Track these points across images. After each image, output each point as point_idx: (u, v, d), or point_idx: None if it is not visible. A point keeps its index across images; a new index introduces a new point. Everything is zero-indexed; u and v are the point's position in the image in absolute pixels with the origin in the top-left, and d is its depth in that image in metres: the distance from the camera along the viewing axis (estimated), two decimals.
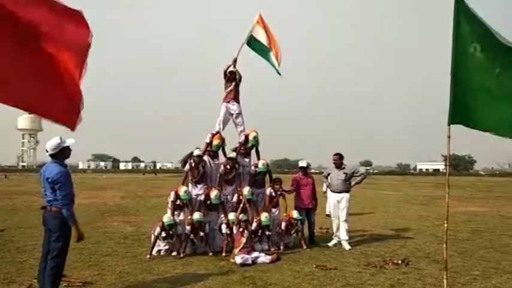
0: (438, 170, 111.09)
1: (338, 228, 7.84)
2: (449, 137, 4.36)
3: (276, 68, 8.56)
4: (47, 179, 4.29)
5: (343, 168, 7.93)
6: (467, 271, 5.92)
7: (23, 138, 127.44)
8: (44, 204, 4.42)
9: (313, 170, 14.28)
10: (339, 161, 7.97)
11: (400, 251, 7.35)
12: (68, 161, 4.56)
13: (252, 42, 8.29)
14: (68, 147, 4.47)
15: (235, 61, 8.01)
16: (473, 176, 78.78)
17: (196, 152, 7.38)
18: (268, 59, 8.51)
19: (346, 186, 7.87)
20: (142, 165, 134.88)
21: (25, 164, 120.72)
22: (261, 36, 8.34)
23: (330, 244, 7.81)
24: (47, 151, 4.39)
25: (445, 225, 4.44)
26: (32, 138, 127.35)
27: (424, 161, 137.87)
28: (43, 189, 4.44)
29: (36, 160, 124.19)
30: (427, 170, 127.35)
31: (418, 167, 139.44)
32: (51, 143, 4.38)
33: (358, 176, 8.03)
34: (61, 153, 4.43)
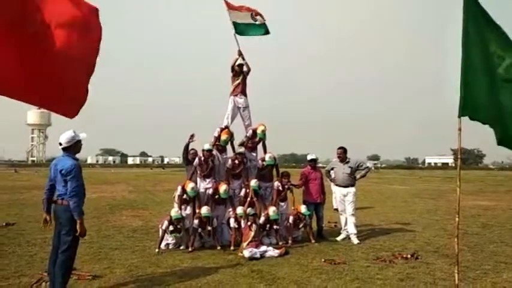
0: (447, 164, 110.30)
1: (346, 223, 7.81)
2: (460, 129, 4.30)
3: (260, 31, 8.54)
4: (61, 171, 4.30)
5: (348, 162, 7.87)
6: (478, 265, 5.86)
7: (33, 133, 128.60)
8: (54, 198, 4.45)
9: (320, 165, 14.23)
10: (343, 154, 7.90)
11: (409, 245, 7.30)
12: (76, 155, 4.58)
13: (238, 27, 8.24)
14: (80, 141, 4.50)
15: (240, 53, 7.97)
16: (483, 170, 78.05)
17: (206, 146, 7.37)
18: (257, 32, 8.51)
19: (352, 180, 7.82)
20: (150, 159, 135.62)
21: (34, 158, 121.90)
22: (242, 17, 8.30)
23: (339, 238, 7.78)
24: (61, 144, 4.39)
25: (456, 219, 4.39)
26: (41, 133, 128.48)
27: (433, 155, 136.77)
28: (50, 182, 4.46)
29: (45, 155, 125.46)
30: (435, 164, 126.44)
31: (427, 161, 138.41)
32: (65, 136, 4.39)
33: (362, 169, 7.98)
34: (74, 147, 4.46)
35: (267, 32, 8.67)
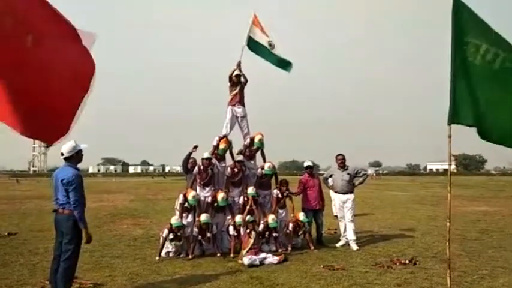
0: None
1: (345, 229, 7.87)
2: (449, 136, 4.39)
3: (281, 65, 8.46)
4: (62, 180, 4.40)
5: (346, 169, 7.96)
6: (475, 270, 5.91)
7: (34, 144, 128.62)
8: (56, 208, 4.54)
9: (321, 171, 14.30)
10: (344, 161, 7.99)
11: (408, 251, 7.35)
12: (78, 165, 4.68)
13: (252, 44, 8.26)
14: (81, 150, 4.60)
15: (239, 64, 8.08)
16: (484, 176, 77.83)
17: (205, 155, 7.48)
18: (270, 59, 8.38)
19: (351, 187, 7.90)
20: (151, 168, 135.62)
21: (36, 168, 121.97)
22: (259, 37, 8.31)
23: (338, 245, 7.84)
24: (62, 154, 4.50)
25: (447, 223, 4.49)
26: (42, 144, 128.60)
27: (434, 161, 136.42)
28: (55, 192, 4.56)
29: (46, 165, 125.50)
30: (437, 170, 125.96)
31: (428, 167, 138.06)
32: (67, 146, 4.49)
33: (360, 176, 8.06)
34: (76, 157, 4.56)
35: (283, 66, 8.46)
